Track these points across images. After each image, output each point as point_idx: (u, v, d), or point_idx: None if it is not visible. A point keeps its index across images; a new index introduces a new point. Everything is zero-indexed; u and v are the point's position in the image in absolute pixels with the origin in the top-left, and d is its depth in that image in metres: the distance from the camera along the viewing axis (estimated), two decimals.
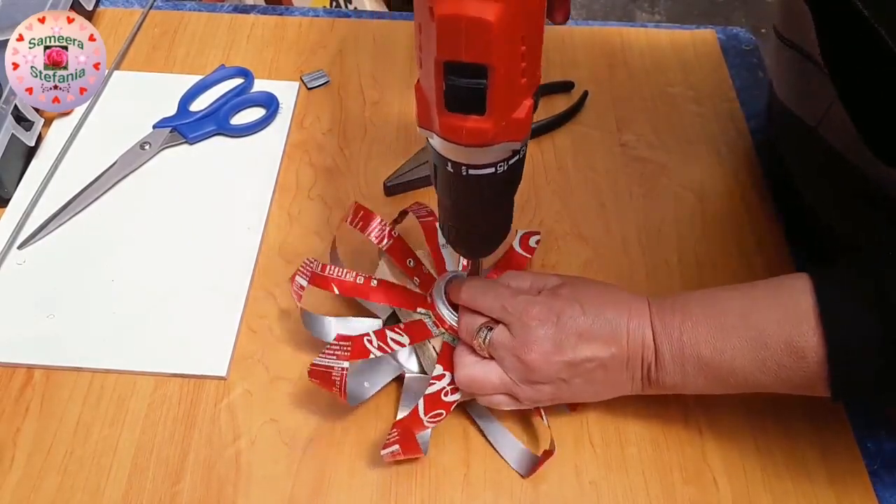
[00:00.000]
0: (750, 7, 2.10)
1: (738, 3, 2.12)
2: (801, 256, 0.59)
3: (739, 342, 0.42)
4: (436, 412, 0.46)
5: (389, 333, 0.48)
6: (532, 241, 0.56)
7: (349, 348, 0.45)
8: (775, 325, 0.41)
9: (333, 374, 0.45)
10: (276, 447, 0.49)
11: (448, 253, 0.55)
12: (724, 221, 0.61)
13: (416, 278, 0.53)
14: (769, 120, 0.67)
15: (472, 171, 0.39)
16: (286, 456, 0.48)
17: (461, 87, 0.34)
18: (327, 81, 0.70)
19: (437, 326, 0.49)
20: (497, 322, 0.46)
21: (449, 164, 0.39)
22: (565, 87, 0.70)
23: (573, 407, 0.50)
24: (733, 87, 0.71)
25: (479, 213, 0.43)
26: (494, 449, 0.49)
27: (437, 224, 0.54)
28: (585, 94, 0.69)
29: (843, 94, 0.48)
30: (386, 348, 0.47)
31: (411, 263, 0.53)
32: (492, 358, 0.46)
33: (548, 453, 0.47)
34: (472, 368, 0.46)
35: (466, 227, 0.45)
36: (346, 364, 0.45)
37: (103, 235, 0.59)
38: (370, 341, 0.47)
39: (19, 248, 0.57)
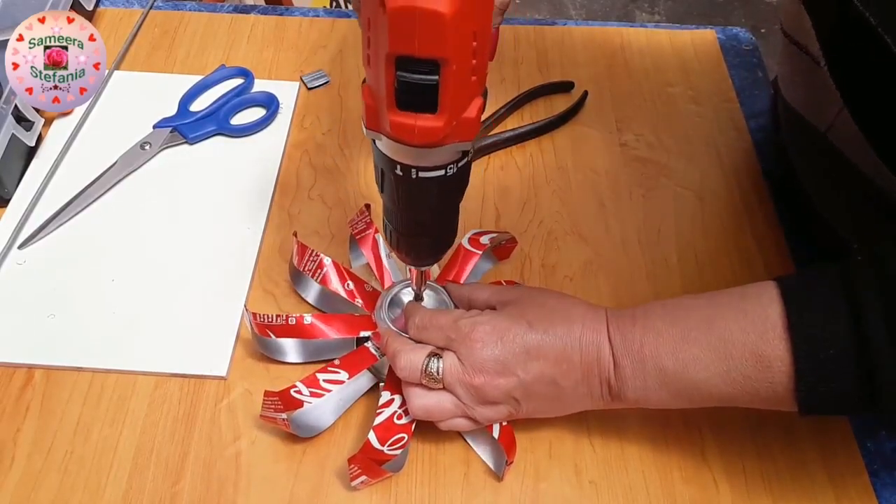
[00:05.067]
0: (750, 7, 2.10)
1: (738, 3, 2.12)
2: (801, 256, 0.59)
3: (703, 353, 0.40)
4: (395, 438, 0.46)
5: (322, 376, 0.47)
6: (484, 239, 0.55)
7: (279, 403, 0.46)
8: (740, 335, 0.39)
9: (279, 421, 0.46)
10: (276, 447, 0.49)
11: (393, 263, 0.55)
12: (724, 221, 0.61)
13: (358, 300, 0.52)
14: (775, 121, 0.66)
15: (421, 174, 0.38)
16: (286, 456, 0.48)
17: (413, 84, 0.34)
18: (327, 81, 0.70)
19: (381, 350, 0.48)
20: (442, 349, 0.45)
21: (398, 167, 0.38)
22: (565, 87, 0.70)
23: None
24: (733, 87, 0.71)
25: (426, 218, 0.43)
26: (470, 446, 0.49)
27: (377, 235, 0.54)
28: (585, 94, 0.69)
29: (849, 104, 0.48)
30: (320, 392, 0.47)
31: (350, 286, 0.52)
32: (444, 389, 0.45)
33: (507, 462, 0.47)
34: (425, 398, 0.45)
35: (413, 233, 0.44)
36: (284, 415, 0.45)
37: (103, 235, 0.59)
38: (299, 392, 0.46)
39: (19, 248, 0.57)
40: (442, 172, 0.39)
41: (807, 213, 0.58)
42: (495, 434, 0.47)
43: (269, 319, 0.49)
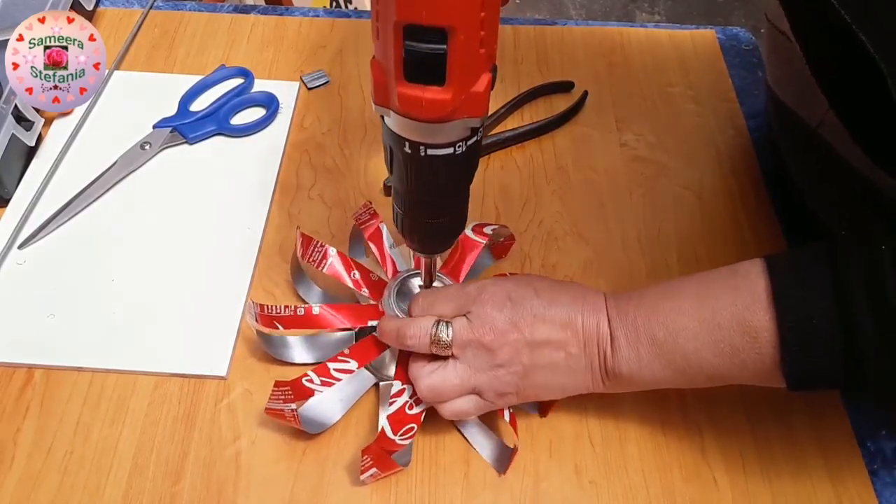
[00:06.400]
0: (750, 7, 2.10)
1: (738, 3, 2.12)
2: None
3: (693, 323, 0.41)
4: (406, 428, 0.45)
5: (332, 365, 0.47)
6: (487, 230, 0.55)
7: (290, 392, 0.45)
8: (729, 307, 0.40)
9: (287, 414, 0.46)
10: (276, 447, 0.49)
11: (398, 253, 0.54)
12: (724, 221, 0.62)
13: (364, 290, 0.52)
14: (768, 118, 0.66)
15: (430, 151, 0.38)
16: (286, 456, 0.48)
17: (421, 53, 0.33)
18: (327, 81, 0.70)
19: (380, 337, 0.48)
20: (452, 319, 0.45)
21: (406, 144, 0.38)
22: (565, 87, 0.70)
23: (543, 412, 0.50)
24: (733, 87, 0.71)
25: (435, 200, 0.42)
26: (470, 444, 0.49)
27: (382, 224, 0.54)
28: (585, 94, 0.69)
29: (833, 104, 0.48)
30: (330, 381, 0.46)
31: (356, 276, 0.52)
32: (453, 357, 0.45)
33: (513, 451, 0.47)
34: (431, 377, 0.45)
35: (422, 217, 0.43)
36: (293, 406, 0.45)
37: (103, 235, 0.59)
38: (310, 381, 0.46)
39: (19, 248, 0.57)
40: (451, 150, 0.38)
41: (801, 211, 0.58)
42: (506, 417, 0.47)
43: (277, 311, 0.49)
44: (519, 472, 0.48)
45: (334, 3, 1.60)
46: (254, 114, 0.67)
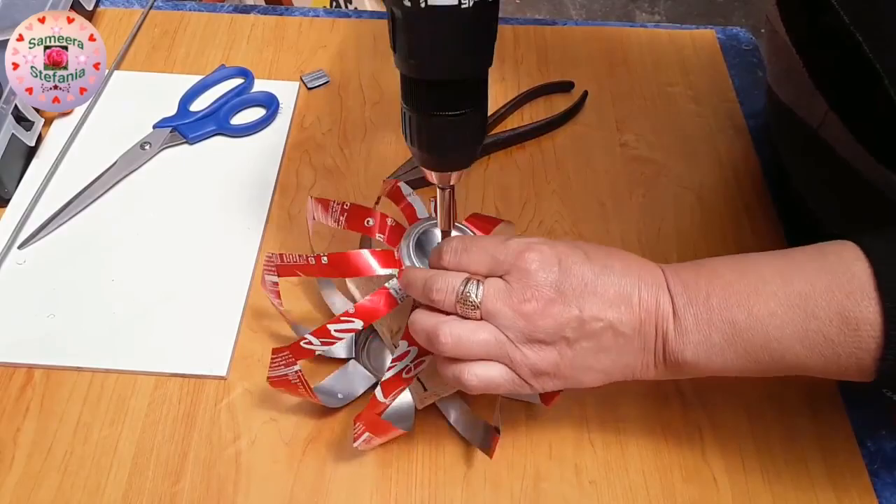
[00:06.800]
0: (750, 7, 2.10)
1: (738, 3, 2.12)
2: None
3: (781, 309, 0.36)
4: (396, 392, 0.43)
5: (333, 326, 0.43)
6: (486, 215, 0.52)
7: (290, 355, 0.44)
8: (824, 293, 0.36)
9: (291, 378, 0.44)
10: (276, 447, 0.49)
11: (418, 200, 0.50)
12: (724, 221, 0.62)
13: (379, 235, 0.48)
14: (766, 116, 0.66)
15: (431, 1, 0.33)
16: (286, 456, 0.48)
17: None
18: (327, 81, 0.70)
19: (402, 288, 0.43)
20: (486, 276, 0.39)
21: None
22: (565, 87, 0.70)
23: (546, 400, 0.45)
24: (733, 87, 0.71)
25: (444, 80, 0.36)
26: (453, 428, 0.49)
27: (402, 184, 0.51)
28: (585, 94, 0.69)
29: (833, 107, 0.48)
30: (331, 341, 0.43)
31: (370, 223, 0.48)
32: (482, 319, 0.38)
33: (495, 434, 0.46)
34: (458, 325, 0.38)
35: (431, 107, 0.37)
36: (297, 367, 0.44)
37: (103, 235, 0.59)
38: (309, 343, 0.44)
39: (19, 248, 0.57)
40: (455, 2, 0.33)
41: (801, 211, 0.58)
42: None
43: (293, 259, 0.46)
44: (519, 472, 0.48)
45: (334, 3, 1.60)
46: (254, 114, 0.67)
